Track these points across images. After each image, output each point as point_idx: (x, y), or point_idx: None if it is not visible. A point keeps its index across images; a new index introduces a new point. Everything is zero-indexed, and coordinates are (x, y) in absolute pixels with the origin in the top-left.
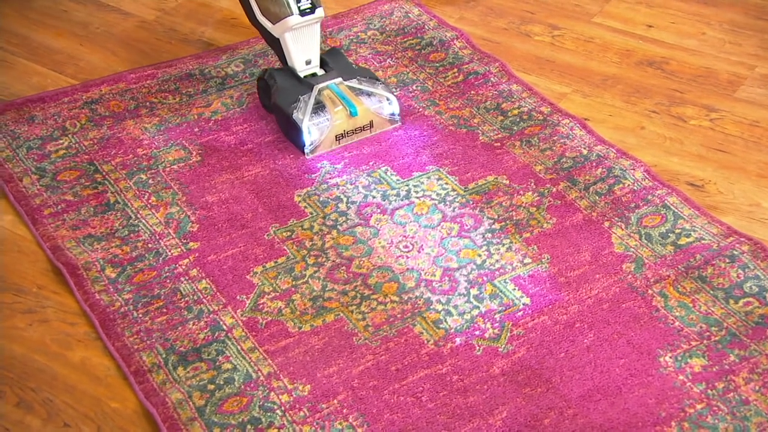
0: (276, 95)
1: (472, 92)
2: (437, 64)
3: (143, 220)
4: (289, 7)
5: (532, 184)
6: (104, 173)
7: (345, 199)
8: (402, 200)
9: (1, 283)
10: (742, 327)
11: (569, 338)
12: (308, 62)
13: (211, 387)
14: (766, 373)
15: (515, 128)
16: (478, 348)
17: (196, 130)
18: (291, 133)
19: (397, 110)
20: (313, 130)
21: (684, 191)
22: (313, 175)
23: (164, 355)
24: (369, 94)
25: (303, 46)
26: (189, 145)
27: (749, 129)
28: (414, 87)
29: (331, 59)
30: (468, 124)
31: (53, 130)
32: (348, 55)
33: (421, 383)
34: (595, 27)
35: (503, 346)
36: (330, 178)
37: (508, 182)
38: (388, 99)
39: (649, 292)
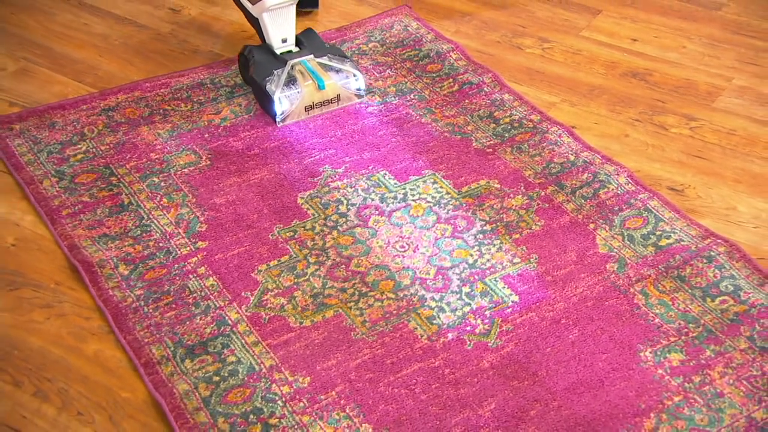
0: (253, 69)
1: (467, 101)
2: (434, 75)
3: (155, 221)
4: None
5: (522, 188)
6: (119, 176)
7: (345, 202)
8: (399, 203)
9: (22, 279)
10: (718, 324)
11: (555, 334)
12: (284, 40)
13: (216, 378)
14: (740, 367)
15: (506, 135)
16: (469, 343)
17: (206, 135)
18: (264, 104)
19: (363, 86)
20: (284, 100)
21: (665, 195)
22: (315, 179)
23: (172, 348)
24: (337, 71)
25: (279, 26)
26: (199, 150)
27: (726, 137)
28: (412, 96)
29: (306, 39)
30: (462, 131)
31: (72, 135)
32: None
33: (415, 376)
34: (583, 40)
35: (493, 341)
36: (331, 182)
37: (499, 186)
38: (354, 75)
39: (631, 290)
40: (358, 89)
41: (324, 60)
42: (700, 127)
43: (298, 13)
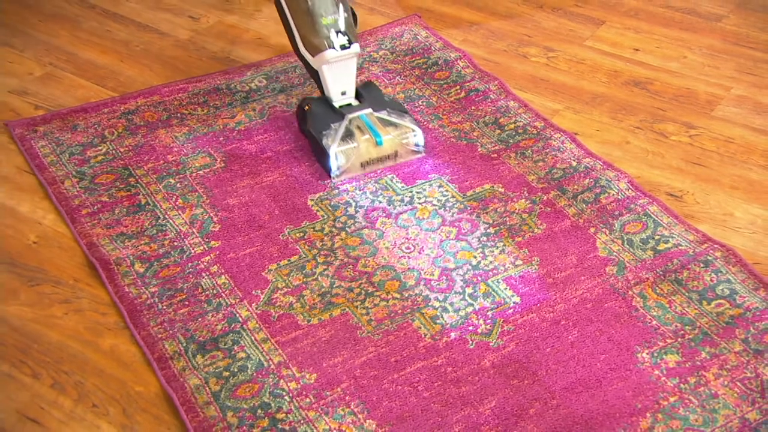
0: (310, 122)
1: (473, 108)
2: (441, 82)
3: (170, 221)
4: (328, 42)
5: (525, 192)
6: (137, 177)
7: (354, 204)
8: (406, 205)
9: (42, 275)
10: (714, 327)
11: (555, 334)
12: (343, 93)
13: (226, 374)
14: (735, 369)
15: (511, 141)
16: (471, 342)
17: (221, 139)
18: (320, 158)
19: (421, 142)
20: (340, 156)
21: (664, 201)
22: (325, 181)
23: (185, 344)
24: (396, 126)
25: (339, 78)
26: (214, 153)
27: (725, 145)
28: (420, 102)
29: (366, 91)
30: (468, 136)
31: (93, 137)
32: (360, 73)
33: (418, 374)
34: (587, 50)
35: (494, 340)
36: (341, 184)
37: (503, 190)
38: (413, 131)
39: (630, 293)
40: (417, 145)
41: (383, 114)
42: (699, 135)
43: None
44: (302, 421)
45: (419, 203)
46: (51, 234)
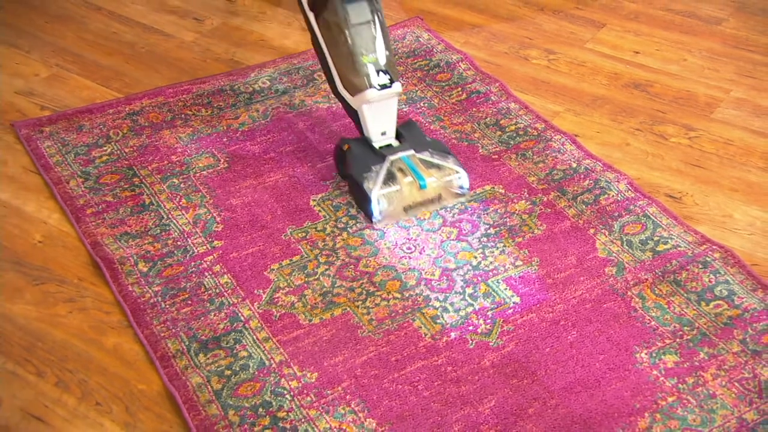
0: (350, 164)
1: (474, 109)
2: (443, 84)
3: (174, 220)
4: (368, 82)
5: (526, 193)
6: (141, 177)
7: (356, 205)
8: None
9: (47, 274)
10: (712, 327)
11: (554, 334)
12: (384, 133)
13: (228, 373)
14: (732, 369)
15: (512, 142)
16: (471, 342)
17: (225, 139)
18: (360, 201)
19: (466, 184)
20: (382, 200)
21: (663, 202)
22: (327, 182)
23: (187, 343)
24: (439, 167)
25: (379, 118)
26: (218, 153)
27: (724, 147)
28: (421, 104)
29: (406, 131)
30: (469, 138)
31: (98, 138)
32: None
33: (418, 373)
34: (588, 52)
35: (494, 340)
36: (343, 185)
37: (503, 191)
38: (457, 173)
39: (629, 293)
40: (461, 187)
41: (425, 156)
42: (698, 137)
43: None
44: (303, 420)
45: None
46: (56, 233)
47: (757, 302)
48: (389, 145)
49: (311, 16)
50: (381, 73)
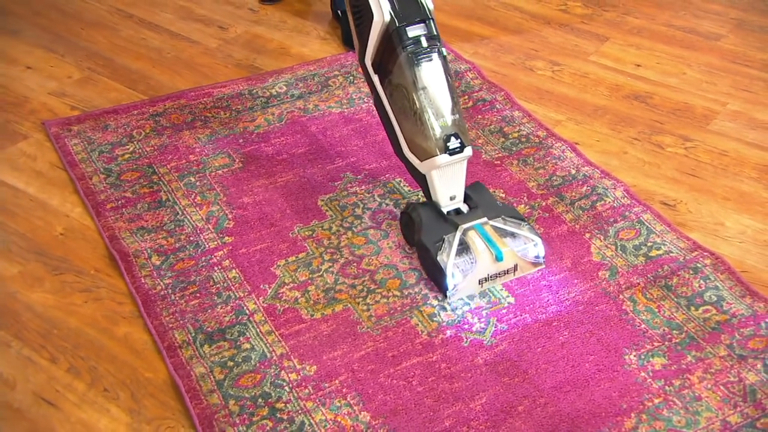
0: (420, 232)
1: (479, 116)
2: None
3: (188, 216)
4: (439, 146)
5: (525, 197)
6: (160, 175)
7: (362, 205)
8: None
9: (66, 265)
10: (700, 331)
11: (547, 335)
12: (452, 198)
13: (230, 364)
14: (719, 373)
15: (514, 149)
16: (465, 340)
17: (241, 141)
18: (433, 274)
19: (542, 253)
20: (457, 273)
21: (657, 209)
22: (336, 183)
23: (194, 334)
24: (514, 236)
25: (448, 183)
26: (233, 154)
27: (719, 157)
28: None
29: (475, 194)
30: (473, 144)
31: (122, 137)
32: None
33: (413, 369)
34: (591, 64)
35: (488, 339)
36: (350, 187)
37: (504, 195)
38: (533, 241)
39: (620, 297)
40: (537, 256)
41: (498, 223)
42: (694, 148)
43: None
44: (300, 411)
45: None
46: (77, 226)
47: (745, 308)
48: (458, 210)
49: (375, 78)
50: (452, 138)
